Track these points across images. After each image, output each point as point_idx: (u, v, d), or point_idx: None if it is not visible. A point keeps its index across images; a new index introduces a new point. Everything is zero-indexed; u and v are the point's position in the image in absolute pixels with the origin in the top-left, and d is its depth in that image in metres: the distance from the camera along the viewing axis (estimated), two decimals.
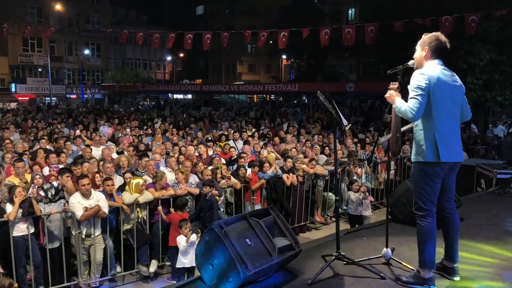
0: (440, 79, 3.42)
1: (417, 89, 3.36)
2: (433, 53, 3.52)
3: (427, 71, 3.43)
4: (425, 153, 3.45)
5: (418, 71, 3.46)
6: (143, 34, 17.97)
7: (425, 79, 3.36)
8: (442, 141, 3.41)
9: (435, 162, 3.42)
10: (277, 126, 16.45)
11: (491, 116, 20.99)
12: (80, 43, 44.92)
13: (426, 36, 3.58)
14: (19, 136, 11.72)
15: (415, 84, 3.38)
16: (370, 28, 15.05)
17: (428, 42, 3.53)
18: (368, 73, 36.34)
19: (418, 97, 3.34)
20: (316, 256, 4.29)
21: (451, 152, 3.45)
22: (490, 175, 8.43)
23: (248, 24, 43.26)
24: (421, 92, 3.34)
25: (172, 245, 6.60)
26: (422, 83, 3.35)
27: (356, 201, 8.11)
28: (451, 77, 3.52)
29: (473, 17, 13.35)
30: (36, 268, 5.98)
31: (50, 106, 31.30)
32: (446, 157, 3.41)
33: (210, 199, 6.91)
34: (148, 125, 16.42)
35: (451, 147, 3.45)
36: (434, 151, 3.41)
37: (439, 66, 3.49)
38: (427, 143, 3.44)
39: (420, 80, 3.37)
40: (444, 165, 3.46)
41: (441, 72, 3.46)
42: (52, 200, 6.19)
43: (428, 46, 3.52)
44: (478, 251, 4.46)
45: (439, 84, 3.39)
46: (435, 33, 3.57)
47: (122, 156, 8.62)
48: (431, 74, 3.40)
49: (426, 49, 3.53)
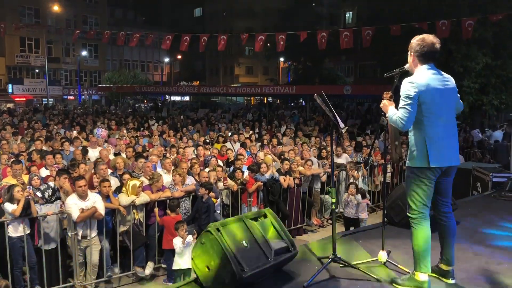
0: (429, 85, 3.41)
1: (406, 98, 3.39)
2: (419, 59, 3.51)
3: (415, 79, 3.44)
4: (416, 158, 3.49)
5: (407, 79, 3.47)
6: (139, 36, 17.87)
7: (414, 88, 3.38)
8: (433, 146, 3.43)
9: (426, 167, 3.45)
10: (275, 129, 16.47)
11: (488, 119, 21.09)
12: (77, 44, 44.82)
13: (413, 40, 3.55)
14: (13, 137, 11.67)
15: (404, 94, 3.41)
16: (367, 32, 15.11)
17: (414, 48, 3.52)
18: (365, 76, 36.50)
19: (407, 106, 3.37)
20: (312, 258, 4.30)
21: (443, 157, 3.46)
22: (486, 178, 8.46)
23: (246, 26, 43.39)
24: (409, 101, 3.36)
25: (166, 248, 6.60)
26: (411, 92, 3.37)
27: (352, 203, 8.14)
28: (442, 80, 3.50)
29: (469, 21, 13.43)
30: (31, 269, 5.97)
31: (47, 107, 31.22)
32: (436, 162, 3.43)
33: (207, 202, 6.90)
34: (144, 127, 16.42)
35: (443, 152, 3.46)
36: (425, 156, 3.44)
37: (428, 72, 3.48)
38: (418, 148, 3.48)
39: (408, 90, 3.39)
40: (436, 169, 3.48)
41: (430, 78, 3.44)
42: (49, 201, 6.19)
43: (414, 52, 3.52)
44: (471, 254, 4.48)
45: (428, 90, 3.39)
46: (421, 36, 3.53)
47: (118, 157, 8.60)
48: (419, 82, 3.40)
49: (412, 55, 3.54)
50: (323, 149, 10.61)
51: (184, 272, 6.13)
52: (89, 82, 48.86)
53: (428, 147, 3.43)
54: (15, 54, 42.56)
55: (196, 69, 62.06)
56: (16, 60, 42.78)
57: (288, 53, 33.64)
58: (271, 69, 52.72)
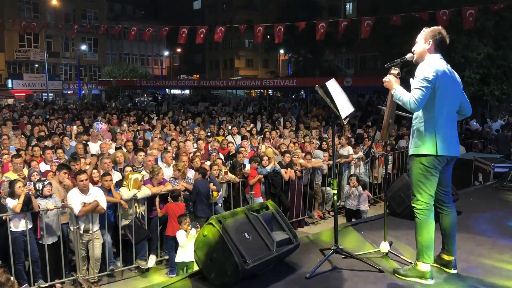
0: (446, 73, 3.41)
1: (423, 80, 3.32)
2: (436, 47, 3.49)
3: (434, 64, 3.40)
4: (423, 146, 3.45)
5: (425, 62, 3.43)
6: (137, 28, 17.80)
7: (433, 72, 3.33)
8: (441, 135, 3.41)
9: (434, 156, 3.42)
10: (276, 121, 16.44)
11: (489, 110, 21.02)
12: (77, 39, 44.67)
13: (429, 29, 3.54)
14: (13, 132, 11.65)
15: (422, 76, 3.34)
16: (367, 22, 15.00)
17: (432, 35, 3.49)
18: (366, 68, 36.35)
19: (423, 88, 3.30)
20: (314, 250, 4.30)
21: (449, 147, 3.46)
22: (488, 169, 8.45)
23: (245, 19, 43.19)
24: (427, 84, 3.31)
25: (169, 234, 6.63)
26: (430, 75, 3.32)
27: (353, 195, 8.16)
28: (452, 73, 3.52)
29: (470, 11, 13.34)
30: (34, 263, 6.00)
31: (47, 102, 31.19)
32: (445, 151, 3.42)
33: (196, 187, 6.95)
34: (145, 121, 16.39)
35: (449, 141, 3.46)
36: (433, 144, 3.41)
37: (443, 62, 3.48)
38: (427, 136, 3.44)
39: (428, 72, 3.34)
40: (443, 158, 3.47)
41: (446, 67, 3.46)
42: (41, 194, 6.12)
43: (433, 39, 3.48)
44: (475, 244, 4.48)
45: (444, 78, 3.38)
46: (438, 27, 3.54)
47: (118, 151, 8.59)
48: (438, 67, 3.38)
49: (430, 42, 3.49)
50: (324, 141, 10.60)
51: (187, 265, 6.15)
52: (89, 76, 48.77)
53: (437, 136, 3.41)
54: (15, 49, 42.45)
55: (196, 63, 61.91)
56: (16, 55, 42.69)
57: (288, 45, 33.51)
58: (271, 62, 52.55)
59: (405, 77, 3.83)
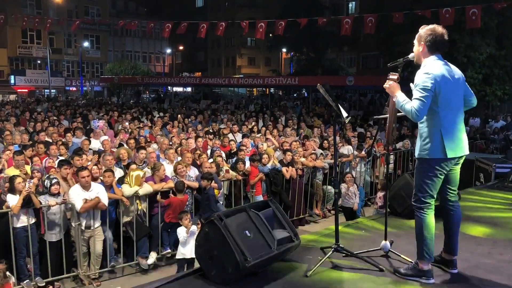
0: (444, 76, 3.38)
1: (423, 90, 3.30)
2: (429, 49, 3.46)
3: (431, 69, 3.37)
4: (431, 149, 3.42)
5: (422, 70, 3.41)
6: (137, 23, 17.81)
7: (431, 80, 3.31)
8: (448, 137, 3.40)
9: (442, 158, 3.41)
10: (278, 119, 16.44)
11: (491, 110, 20.96)
12: (79, 35, 44.73)
13: (422, 29, 3.51)
14: (15, 128, 11.66)
15: (421, 85, 3.32)
16: (369, 19, 14.93)
17: (424, 37, 3.46)
18: (368, 67, 36.32)
19: (423, 98, 3.28)
20: (315, 248, 4.31)
21: (457, 147, 3.44)
22: (489, 169, 8.45)
23: (248, 17, 43.03)
24: (426, 93, 3.29)
25: (167, 221, 6.72)
26: (428, 84, 3.30)
27: (350, 193, 8.20)
28: (452, 71, 3.48)
29: (473, 9, 13.27)
30: (33, 257, 5.97)
31: (50, 98, 31.22)
32: (452, 153, 3.41)
33: (207, 193, 6.93)
34: (147, 118, 16.40)
35: (457, 142, 3.44)
36: (441, 147, 3.39)
37: (439, 62, 3.44)
38: (433, 140, 3.42)
39: (425, 81, 3.32)
40: (451, 160, 3.46)
41: (444, 69, 3.41)
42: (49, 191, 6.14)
43: (424, 41, 3.46)
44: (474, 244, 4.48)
45: (444, 82, 3.35)
46: (431, 26, 3.49)
47: (121, 148, 8.60)
48: (435, 73, 3.34)
49: (422, 44, 3.48)
50: (325, 140, 10.59)
51: (188, 262, 6.16)
52: (91, 73, 48.81)
53: (444, 138, 3.38)
54: (17, 45, 42.51)
55: (198, 60, 61.82)
56: (18, 51, 42.75)
57: (290, 44, 33.48)
58: (273, 60, 52.48)
59: (408, 77, 3.82)
